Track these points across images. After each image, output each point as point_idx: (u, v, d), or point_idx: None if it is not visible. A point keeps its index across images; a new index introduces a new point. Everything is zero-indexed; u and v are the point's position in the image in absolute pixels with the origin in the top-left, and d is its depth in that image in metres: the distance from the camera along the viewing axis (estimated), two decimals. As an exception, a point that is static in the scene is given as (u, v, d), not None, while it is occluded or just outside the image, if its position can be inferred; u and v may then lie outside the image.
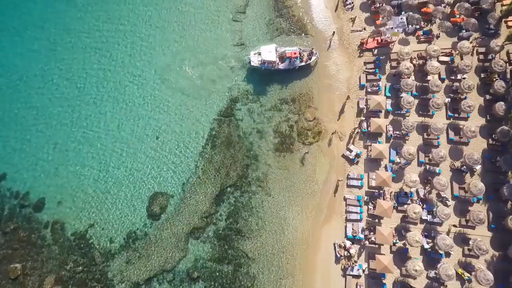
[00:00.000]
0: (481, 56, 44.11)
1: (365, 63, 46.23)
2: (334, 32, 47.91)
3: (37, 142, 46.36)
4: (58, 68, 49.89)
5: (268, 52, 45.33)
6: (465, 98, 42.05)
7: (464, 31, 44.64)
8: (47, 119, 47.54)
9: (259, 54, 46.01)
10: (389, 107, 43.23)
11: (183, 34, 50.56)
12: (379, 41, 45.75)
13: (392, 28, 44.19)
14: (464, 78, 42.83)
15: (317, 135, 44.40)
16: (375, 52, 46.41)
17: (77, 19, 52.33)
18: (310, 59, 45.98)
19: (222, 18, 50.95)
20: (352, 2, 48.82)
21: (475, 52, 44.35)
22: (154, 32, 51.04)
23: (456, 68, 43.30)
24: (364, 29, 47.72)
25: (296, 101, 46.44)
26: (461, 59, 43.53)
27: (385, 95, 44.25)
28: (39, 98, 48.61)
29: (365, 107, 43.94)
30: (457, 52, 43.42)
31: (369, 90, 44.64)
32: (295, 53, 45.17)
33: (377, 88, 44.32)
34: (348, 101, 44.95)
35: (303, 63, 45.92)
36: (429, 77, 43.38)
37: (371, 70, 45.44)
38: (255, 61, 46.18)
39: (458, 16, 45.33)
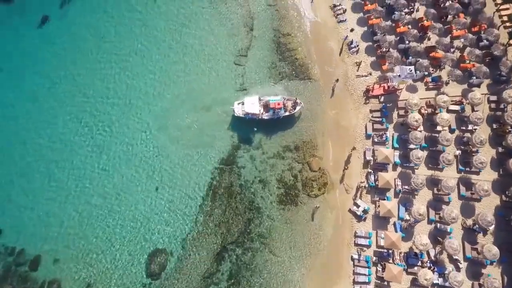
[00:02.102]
0: (493, 105, 42.47)
1: (371, 111, 44.64)
2: (337, 79, 46.41)
3: (34, 197, 45.11)
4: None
5: (251, 104, 44.18)
6: (477, 151, 40.35)
7: (474, 77, 43.01)
8: (43, 173, 46.35)
9: (243, 103, 44.77)
10: (397, 159, 41.55)
11: (182, 79, 49.13)
12: (386, 88, 44.20)
13: (399, 76, 42.60)
14: (475, 129, 41.21)
15: (322, 187, 42.78)
16: (382, 99, 44.84)
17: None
18: (294, 109, 44.55)
19: (224, 62, 49.50)
20: (357, 46, 47.29)
21: (486, 100, 42.76)
22: (151, 76, 49.70)
23: (467, 118, 41.61)
24: (370, 74, 46.17)
25: (300, 149, 44.91)
26: (472, 110, 41.88)
27: (392, 146, 42.65)
28: (35, 154, 47.60)
29: (372, 158, 42.32)
30: (468, 101, 41.80)
31: (375, 140, 43.02)
32: (278, 104, 43.82)
33: (384, 138, 42.68)
34: (354, 151, 43.36)
35: (287, 113, 44.48)
36: (438, 127, 41.76)
37: (377, 119, 43.82)
38: (239, 111, 44.85)
39: (468, 61, 43.75)
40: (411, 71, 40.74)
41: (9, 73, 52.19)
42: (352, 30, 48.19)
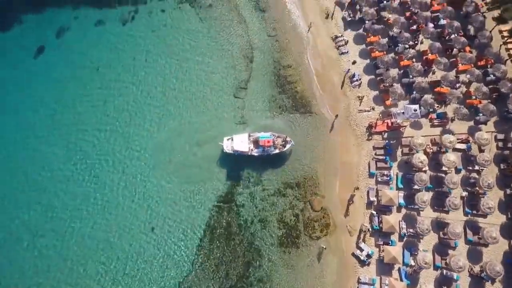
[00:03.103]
0: (500, 144, 41.11)
1: (374, 148, 43.25)
2: (337, 115, 45.20)
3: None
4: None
5: (240, 142, 43.10)
6: (484, 193, 38.92)
7: (481, 114, 41.66)
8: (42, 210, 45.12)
9: (233, 139, 43.63)
10: (401, 201, 40.11)
11: (180, 112, 47.89)
12: (389, 125, 42.88)
13: (403, 113, 41.28)
14: (482, 170, 39.84)
15: (325, 228, 41.36)
16: (385, 135, 43.52)
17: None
18: (284, 147, 43.33)
19: (223, 95, 48.28)
20: (360, 79, 46.01)
21: (493, 138, 41.39)
22: (147, 108, 48.46)
23: (473, 158, 40.21)
24: (373, 109, 44.86)
25: (301, 186, 43.59)
26: (479, 149, 40.52)
27: (396, 186, 41.27)
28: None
29: (375, 199, 40.93)
30: (474, 140, 40.44)
31: (379, 179, 41.65)
32: (268, 142, 42.72)
33: (388, 178, 41.30)
34: (357, 191, 41.97)
35: (277, 151, 43.27)
36: (444, 168, 40.37)
37: (381, 157, 42.42)
38: (228, 147, 43.56)
39: (474, 97, 42.42)
40: (415, 110, 39.42)
41: (3, 101, 50.93)
42: (354, 62, 46.94)
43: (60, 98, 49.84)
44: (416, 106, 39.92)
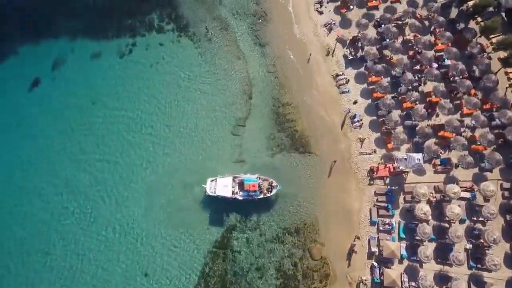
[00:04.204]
0: (506, 193, 39.74)
1: (375, 194, 41.89)
2: (335, 160, 43.88)
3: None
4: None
5: (223, 186, 41.58)
6: (490, 246, 37.49)
7: (486, 162, 40.32)
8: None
9: (216, 182, 42.23)
10: (403, 252, 38.64)
11: (175, 149, 46.44)
12: (391, 170, 41.57)
13: (405, 159, 39.96)
14: (487, 221, 38.44)
15: (324, 279, 39.88)
16: (387, 181, 42.19)
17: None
18: (270, 192, 41.92)
19: (221, 132, 46.84)
20: (361, 120, 44.76)
21: (499, 186, 40.03)
22: (142, 145, 47.09)
23: (478, 208, 38.82)
24: (374, 151, 43.54)
25: (301, 232, 42.17)
26: (484, 199, 39.14)
27: (398, 235, 39.88)
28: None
29: (377, 249, 39.51)
30: (479, 189, 39.06)
31: (381, 228, 40.26)
32: (253, 186, 41.25)
33: (390, 227, 39.89)
34: (358, 240, 40.53)
35: (262, 196, 41.83)
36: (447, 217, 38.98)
37: (382, 204, 41.05)
38: (211, 189, 41.92)
39: (479, 143, 41.09)
40: (419, 160, 38.06)
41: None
42: (355, 102, 45.73)
43: (51, 133, 48.64)
44: (419, 155, 38.56)
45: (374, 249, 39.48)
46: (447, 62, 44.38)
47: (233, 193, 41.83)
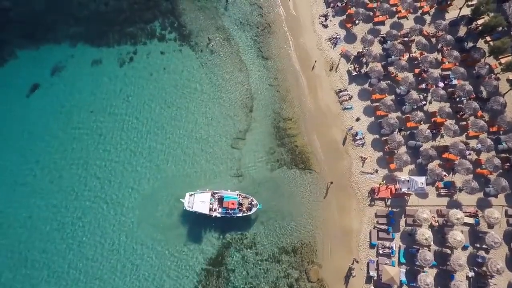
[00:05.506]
0: (511, 220, 38.47)
1: (376, 215, 40.75)
2: (331, 182, 42.80)
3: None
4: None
5: (200, 202, 40.42)
6: (493, 276, 36.23)
7: (491, 187, 39.10)
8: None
9: (194, 197, 41.09)
10: (403, 278, 37.45)
11: (173, 162, 45.45)
12: (393, 191, 40.44)
13: (408, 181, 38.89)
14: (492, 248, 37.16)
15: (320, 303, 38.87)
16: (388, 202, 41.04)
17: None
18: (250, 210, 40.85)
19: (220, 145, 45.92)
20: (363, 138, 43.69)
21: (503, 212, 38.79)
22: (139, 157, 46.09)
23: (482, 234, 37.61)
24: (376, 171, 42.39)
25: (298, 252, 41.10)
26: (488, 226, 37.90)
27: (398, 260, 38.67)
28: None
29: (376, 274, 38.31)
30: (483, 215, 37.87)
31: (380, 252, 39.08)
32: (233, 203, 40.15)
33: (390, 251, 38.73)
34: (356, 263, 39.37)
35: (241, 214, 40.76)
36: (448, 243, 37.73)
37: (383, 227, 39.90)
38: (189, 204, 40.58)
39: (484, 167, 39.88)
40: (422, 184, 36.94)
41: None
42: (358, 119, 44.66)
43: (47, 140, 47.71)
44: (423, 179, 37.46)
45: (373, 273, 38.31)
46: (454, 81, 43.29)
47: (210, 209, 40.67)
